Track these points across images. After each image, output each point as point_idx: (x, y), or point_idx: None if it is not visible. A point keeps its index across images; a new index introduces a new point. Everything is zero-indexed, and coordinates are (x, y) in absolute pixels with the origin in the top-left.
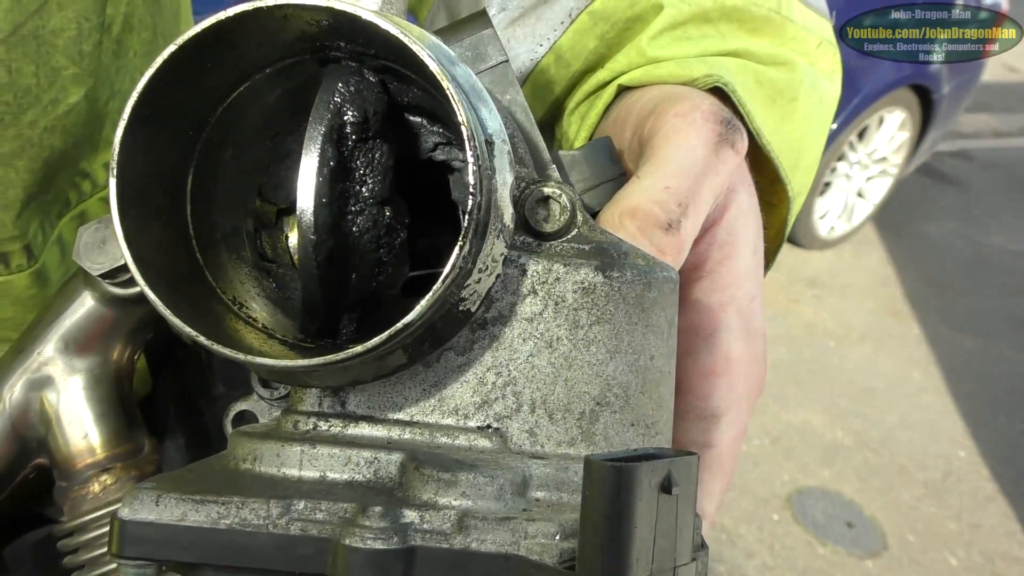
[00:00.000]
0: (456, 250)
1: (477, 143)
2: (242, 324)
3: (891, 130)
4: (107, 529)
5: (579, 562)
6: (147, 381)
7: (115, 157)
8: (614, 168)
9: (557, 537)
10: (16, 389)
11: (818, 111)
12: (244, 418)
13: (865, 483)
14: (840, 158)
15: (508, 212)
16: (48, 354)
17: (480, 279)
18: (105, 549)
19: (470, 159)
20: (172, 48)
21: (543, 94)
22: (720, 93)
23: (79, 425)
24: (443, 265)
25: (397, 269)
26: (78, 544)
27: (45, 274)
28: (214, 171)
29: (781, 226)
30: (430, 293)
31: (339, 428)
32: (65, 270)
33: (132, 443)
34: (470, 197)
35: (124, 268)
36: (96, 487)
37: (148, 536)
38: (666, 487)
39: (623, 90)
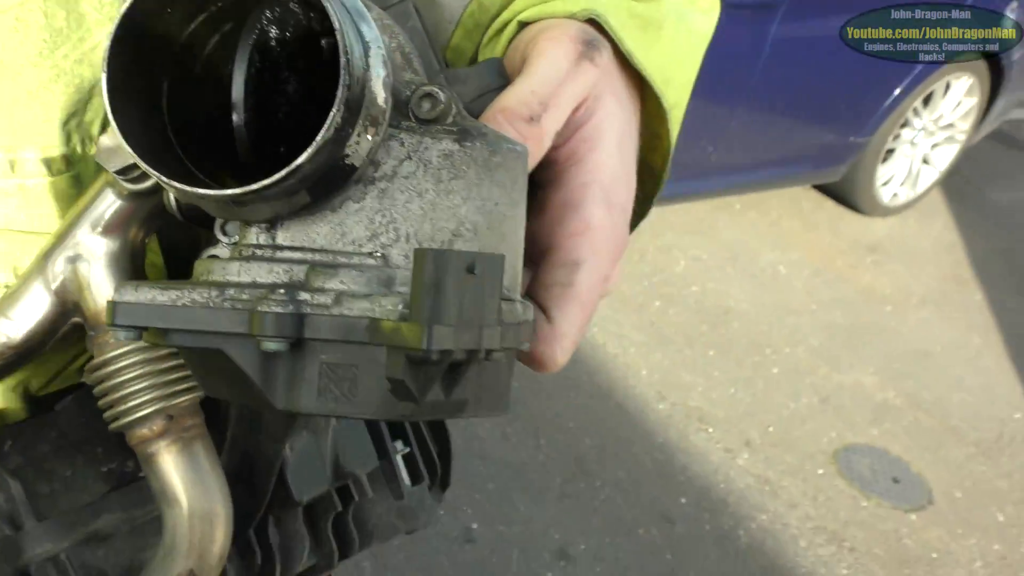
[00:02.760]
0: (331, 113)
1: (347, 37)
2: (201, 185)
3: (958, 96)
4: (126, 363)
5: (410, 316)
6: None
7: (105, 65)
8: (500, 80)
9: (400, 306)
10: (57, 263)
11: (686, 38)
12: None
13: (914, 442)
14: (904, 124)
15: (381, 95)
16: (80, 236)
17: (359, 142)
18: (122, 378)
19: (340, 46)
20: None
21: (472, 37)
22: (597, 24)
23: (104, 289)
24: None
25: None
26: (103, 375)
27: (82, 180)
28: (187, 78)
29: (668, 149)
30: (312, 145)
31: (270, 254)
32: None
33: None
34: (340, 77)
35: (133, 167)
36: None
37: (130, 310)
38: (471, 269)
39: (522, 26)
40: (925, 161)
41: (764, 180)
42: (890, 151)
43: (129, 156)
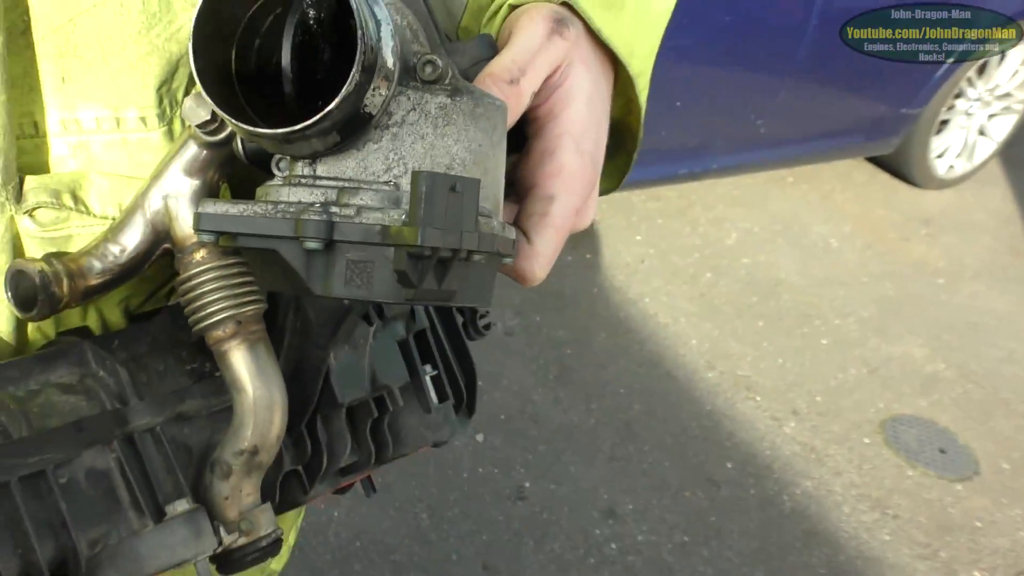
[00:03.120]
0: (351, 72)
1: (362, 15)
2: (262, 127)
3: (1014, 64)
4: (205, 278)
5: (409, 222)
6: None
7: (191, 39)
8: (490, 52)
9: (404, 217)
10: (152, 199)
11: (645, 16)
12: None
13: (963, 413)
14: (958, 95)
15: (390, 60)
16: (170, 177)
17: (374, 95)
18: (203, 289)
19: (357, 22)
20: None
21: (477, 18)
22: (569, 6)
23: (189, 220)
24: None
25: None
26: (188, 288)
27: (172, 134)
28: (249, 50)
29: (640, 112)
30: (338, 96)
31: (311, 181)
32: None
33: None
34: (358, 44)
35: (210, 121)
36: (198, 256)
37: (211, 219)
38: (454, 188)
39: (512, 9)
40: (981, 132)
41: (814, 153)
42: (944, 122)
43: (209, 109)
